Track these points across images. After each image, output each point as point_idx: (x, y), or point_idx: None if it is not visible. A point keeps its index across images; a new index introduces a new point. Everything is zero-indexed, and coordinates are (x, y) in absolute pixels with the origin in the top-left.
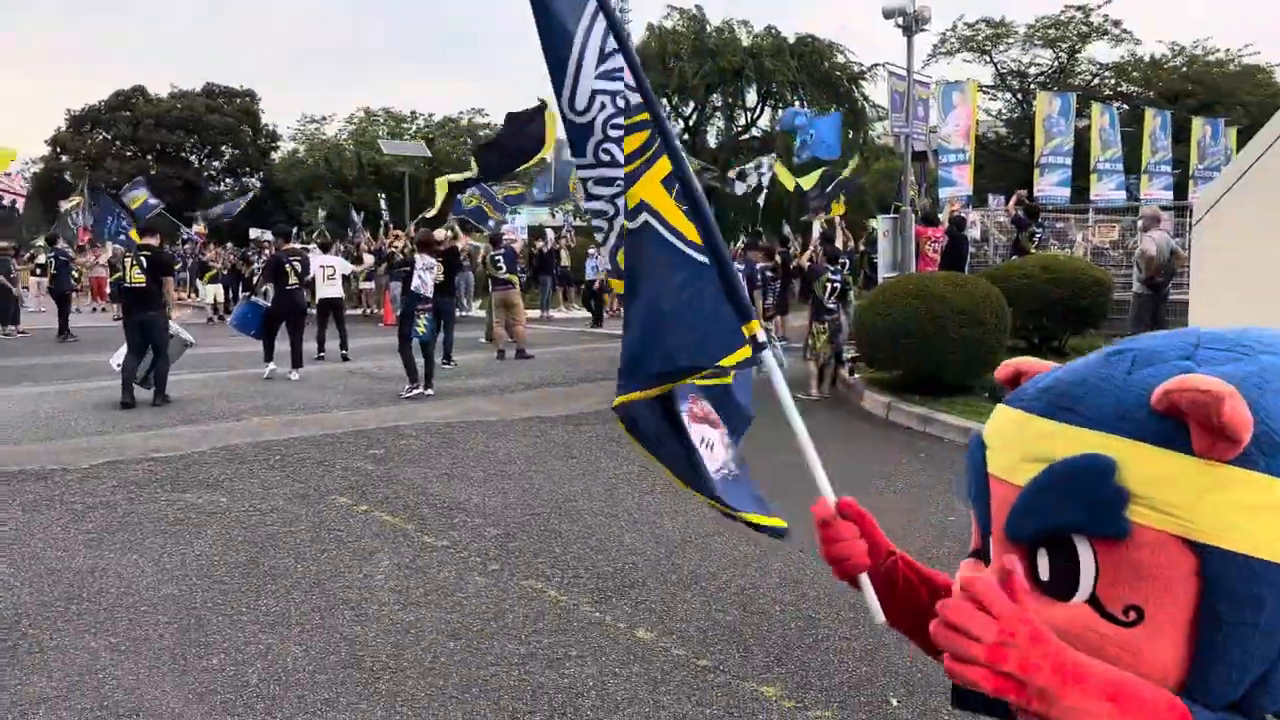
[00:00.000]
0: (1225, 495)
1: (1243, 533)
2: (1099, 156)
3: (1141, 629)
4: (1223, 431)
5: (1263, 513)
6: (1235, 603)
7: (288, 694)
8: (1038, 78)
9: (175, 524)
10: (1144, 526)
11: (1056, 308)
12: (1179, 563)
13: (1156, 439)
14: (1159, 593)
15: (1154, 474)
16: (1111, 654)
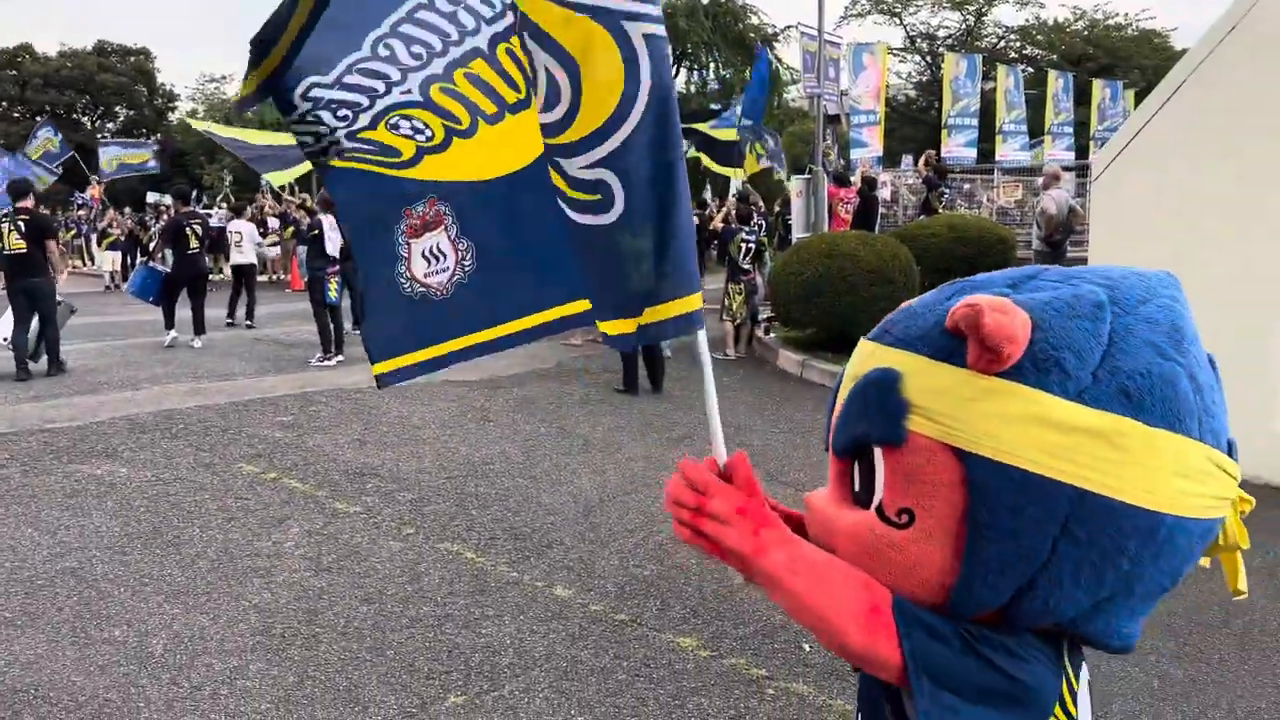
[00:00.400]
0: (990, 405)
1: (1005, 442)
2: (1004, 118)
3: (912, 531)
4: (985, 342)
5: (1025, 424)
6: (995, 509)
7: (195, 663)
8: (946, 40)
9: (73, 496)
10: (917, 434)
11: (962, 266)
12: (947, 469)
13: (938, 354)
14: (928, 497)
15: (931, 385)
16: (886, 554)
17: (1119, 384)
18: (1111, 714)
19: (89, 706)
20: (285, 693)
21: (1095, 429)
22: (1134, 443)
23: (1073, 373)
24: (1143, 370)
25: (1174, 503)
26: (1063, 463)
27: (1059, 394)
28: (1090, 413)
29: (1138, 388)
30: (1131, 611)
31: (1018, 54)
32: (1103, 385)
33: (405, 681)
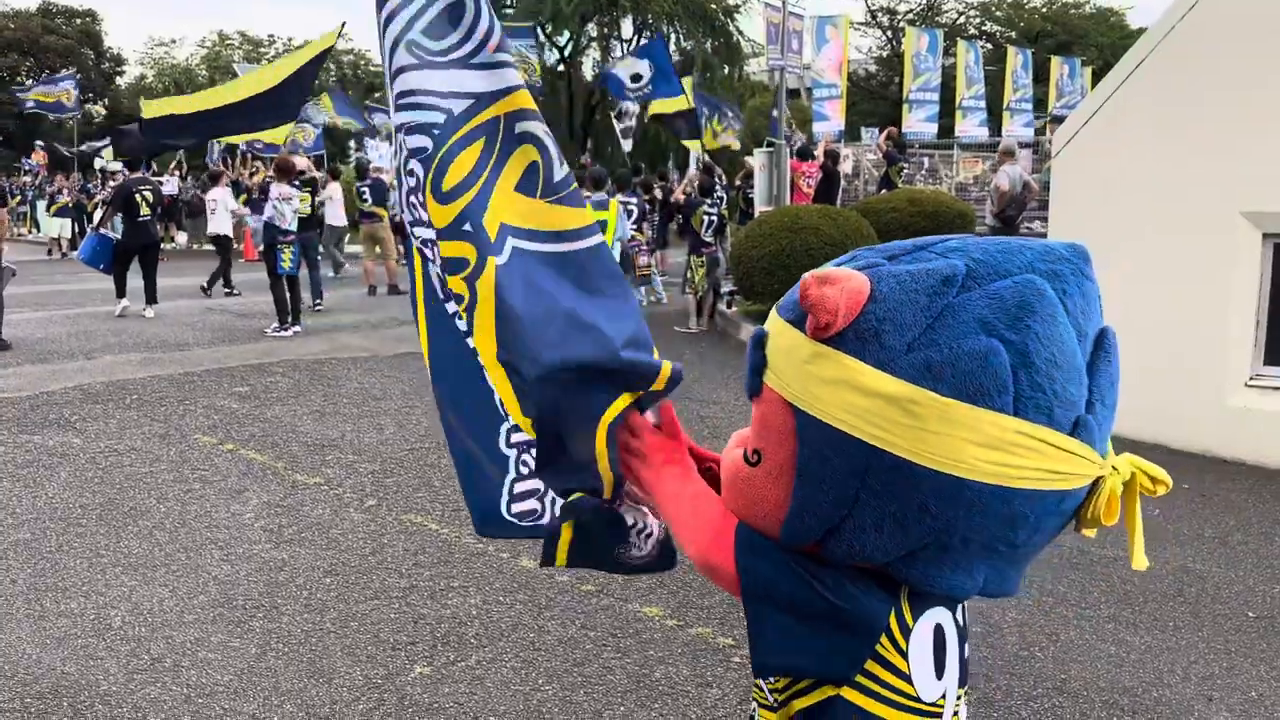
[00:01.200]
0: (814, 368)
1: (820, 400)
2: (964, 94)
3: (759, 469)
4: (809, 313)
5: (836, 386)
6: (811, 458)
7: (154, 635)
8: (906, 15)
9: (24, 466)
10: (768, 387)
11: None
12: (783, 419)
13: (793, 318)
14: (772, 442)
15: (780, 346)
16: (741, 486)
17: (925, 357)
18: (1070, 679)
19: (46, 680)
20: (247, 664)
21: (893, 396)
22: (927, 411)
23: (888, 344)
24: (952, 345)
25: (979, 470)
26: (862, 423)
27: (870, 363)
28: (891, 381)
29: (940, 361)
30: (958, 565)
31: (977, 30)
32: (911, 357)
33: (371, 653)
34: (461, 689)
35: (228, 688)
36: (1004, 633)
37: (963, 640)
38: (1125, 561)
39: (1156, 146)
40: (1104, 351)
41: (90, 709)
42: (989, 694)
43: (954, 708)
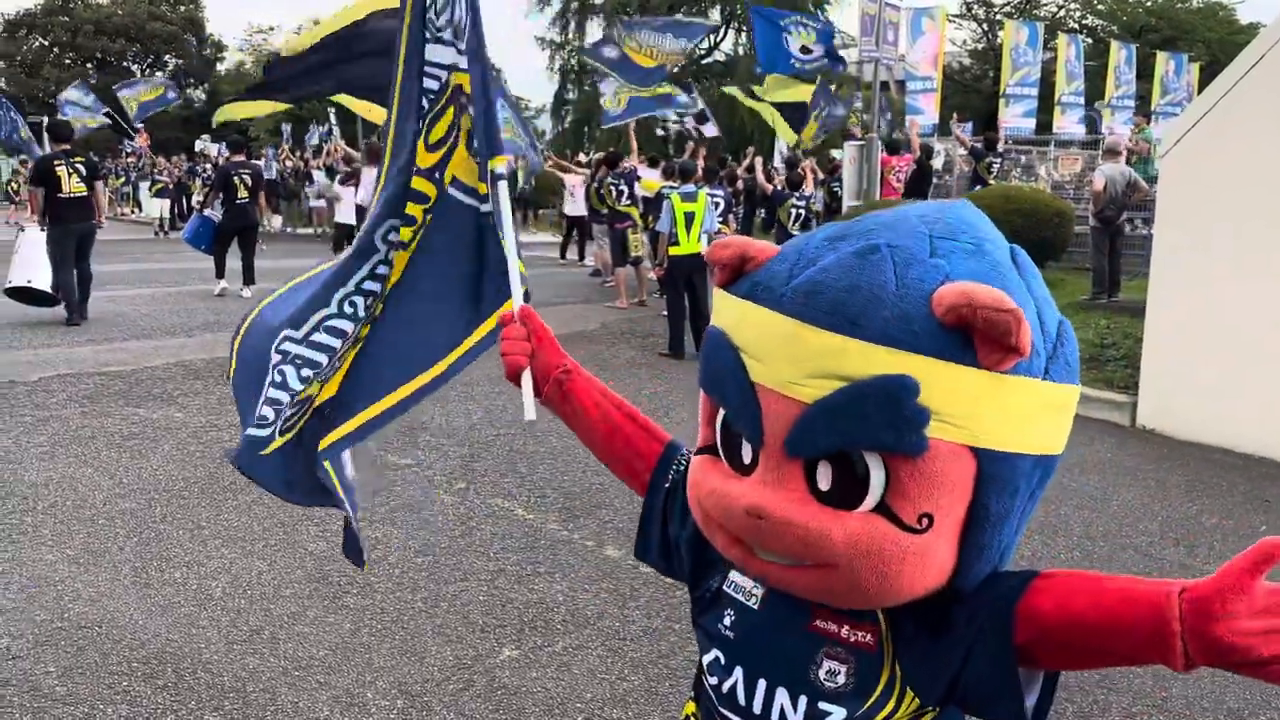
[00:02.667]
0: (1001, 402)
1: (1012, 433)
2: (1064, 89)
3: (932, 533)
4: (1016, 349)
5: (1025, 412)
6: (1000, 495)
7: (253, 607)
8: (1003, 7)
9: (130, 438)
10: (938, 440)
11: (1017, 239)
12: (965, 469)
13: (945, 354)
14: (947, 498)
15: (947, 390)
16: (902, 559)
17: (1062, 353)
18: (1172, 698)
19: (151, 645)
20: (342, 640)
21: (1065, 401)
22: (1073, 405)
23: (1041, 350)
24: (1068, 337)
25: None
26: (1046, 437)
27: (1036, 375)
28: (1060, 388)
29: (1069, 348)
30: None
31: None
32: (1057, 357)
33: (460, 633)
34: (549, 674)
35: (323, 662)
36: None
37: None
38: None
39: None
40: None
41: (193, 675)
42: (1085, 708)
43: None
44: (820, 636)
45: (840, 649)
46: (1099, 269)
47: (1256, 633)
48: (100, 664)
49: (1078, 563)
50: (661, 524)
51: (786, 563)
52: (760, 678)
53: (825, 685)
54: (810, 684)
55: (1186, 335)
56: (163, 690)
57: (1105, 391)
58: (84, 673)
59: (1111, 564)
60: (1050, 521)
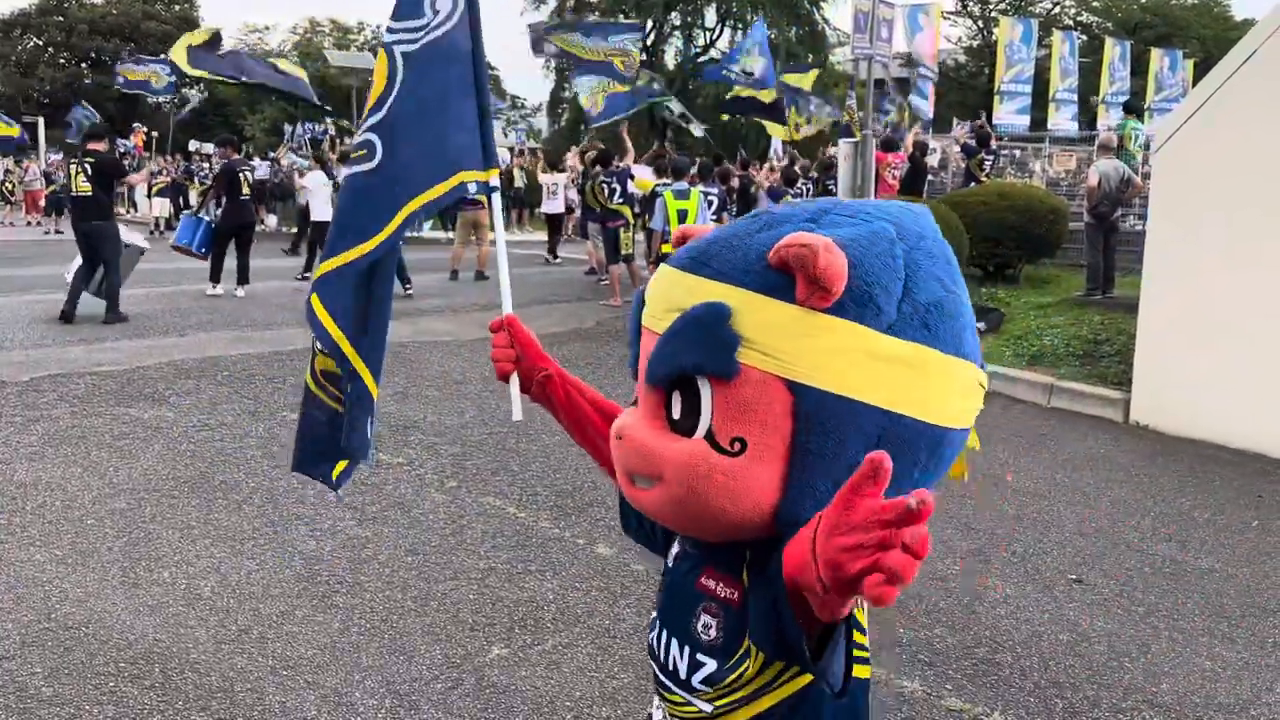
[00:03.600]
0: (819, 340)
1: (833, 373)
2: (1058, 86)
3: (744, 458)
4: (818, 281)
5: (850, 355)
6: (820, 435)
7: (242, 606)
8: (999, 4)
9: (120, 438)
10: (750, 367)
11: (1012, 235)
12: (778, 399)
13: (767, 289)
14: (759, 426)
15: (762, 321)
16: (718, 480)
17: (920, 317)
18: (1162, 693)
19: (139, 645)
20: (331, 639)
21: (905, 358)
22: (931, 367)
23: (884, 307)
24: (935, 302)
25: (955, 418)
26: (880, 389)
27: (874, 327)
28: (900, 343)
29: (934, 319)
30: None
31: (1072, 20)
32: (907, 318)
33: (450, 632)
34: (538, 672)
35: (311, 661)
36: (1092, 641)
37: None
38: (1220, 573)
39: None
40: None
41: (180, 676)
42: (1075, 704)
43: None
44: (701, 593)
45: (714, 604)
46: (1093, 265)
47: (849, 547)
48: (87, 664)
49: (1070, 558)
50: None
51: (644, 484)
52: (665, 629)
53: (701, 638)
54: (692, 636)
55: (1179, 331)
56: (149, 690)
57: (1099, 388)
58: (70, 673)
59: (1103, 560)
60: (1043, 517)
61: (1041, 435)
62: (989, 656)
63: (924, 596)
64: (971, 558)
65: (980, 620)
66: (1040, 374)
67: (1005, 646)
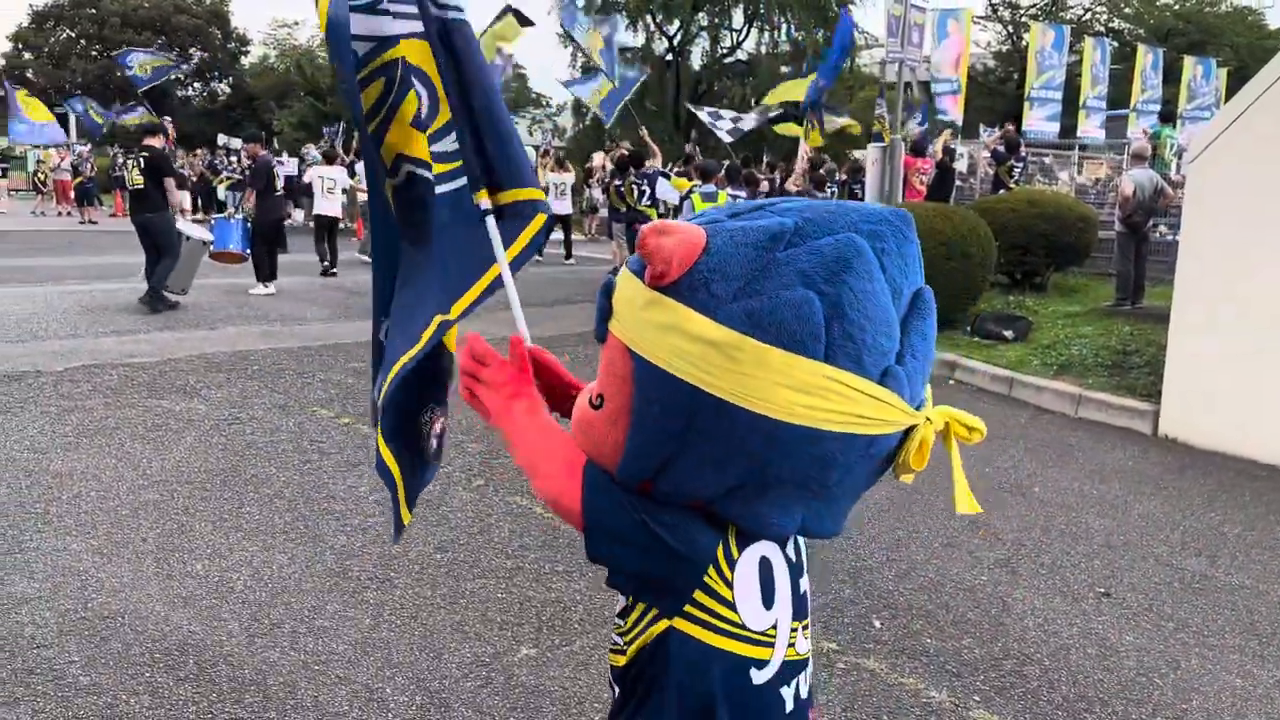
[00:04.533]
0: (649, 314)
1: (652, 345)
2: (1088, 93)
3: (602, 413)
4: (648, 261)
5: (667, 332)
6: (644, 400)
7: (275, 600)
8: (1029, 9)
9: (153, 430)
10: (612, 334)
11: (1040, 243)
12: (623, 364)
13: (636, 268)
14: (612, 387)
15: (623, 294)
16: (586, 429)
17: (748, 306)
18: (1192, 710)
19: (173, 637)
20: (362, 635)
21: (715, 341)
22: (746, 356)
23: (717, 293)
24: (773, 295)
25: (791, 413)
26: (689, 366)
27: (698, 309)
28: (715, 327)
29: (760, 310)
30: (775, 504)
31: (1104, 26)
32: (735, 306)
33: (479, 630)
34: (567, 673)
35: (342, 657)
36: (1121, 655)
37: (795, 574)
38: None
39: None
40: (918, 309)
41: (214, 668)
42: (1104, 719)
43: (789, 639)
44: None
45: None
46: (1124, 275)
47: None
48: (123, 654)
49: (1098, 571)
50: None
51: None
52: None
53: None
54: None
55: (1211, 343)
56: (184, 682)
57: (1128, 399)
58: (107, 663)
59: (1132, 573)
60: (1070, 529)
61: (1069, 446)
62: (1017, 669)
63: (952, 607)
64: (999, 568)
65: (1008, 632)
66: (1068, 384)
67: (1033, 659)
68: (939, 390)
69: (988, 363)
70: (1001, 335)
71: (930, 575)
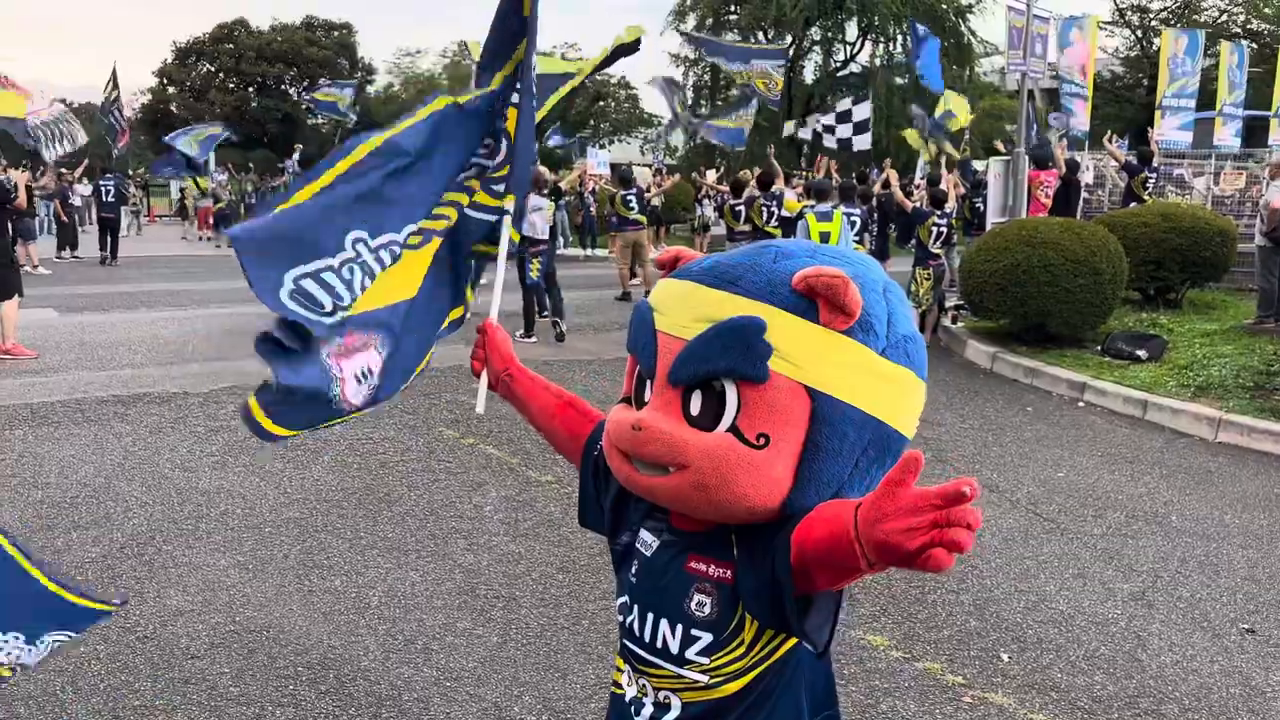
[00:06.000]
0: (836, 356)
1: (845, 384)
2: (1225, 99)
3: (767, 451)
4: (844, 308)
5: (857, 371)
6: (830, 436)
7: (407, 617)
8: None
9: (293, 449)
10: (779, 374)
11: (1175, 258)
12: (799, 403)
13: (793, 309)
14: (783, 425)
15: (790, 335)
16: (743, 469)
17: (903, 346)
18: None
19: (315, 651)
20: (489, 653)
21: (894, 377)
22: (910, 388)
23: (878, 333)
24: (910, 335)
25: (910, 428)
26: (876, 401)
27: (874, 349)
28: (891, 364)
29: (913, 349)
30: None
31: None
32: (895, 345)
33: (601, 652)
34: None
35: (472, 674)
36: (1268, 697)
37: None
38: None
39: None
40: None
41: (353, 683)
42: None
43: None
44: (692, 575)
45: (707, 584)
46: (1267, 291)
47: (902, 530)
48: (269, 667)
49: (1241, 606)
50: (593, 485)
51: (655, 472)
52: (649, 611)
53: (696, 615)
54: (685, 614)
55: None
56: (325, 695)
57: (1272, 423)
58: (254, 675)
59: (1278, 609)
60: (1210, 561)
61: (1208, 472)
62: (1154, 707)
63: (1083, 641)
64: (1133, 601)
65: (1144, 668)
66: (1206, 406)
67: (1171, 697)
68: (1068, 412)
69: (1120, 384)
70: (1134, 355)
71: (1061, 607)
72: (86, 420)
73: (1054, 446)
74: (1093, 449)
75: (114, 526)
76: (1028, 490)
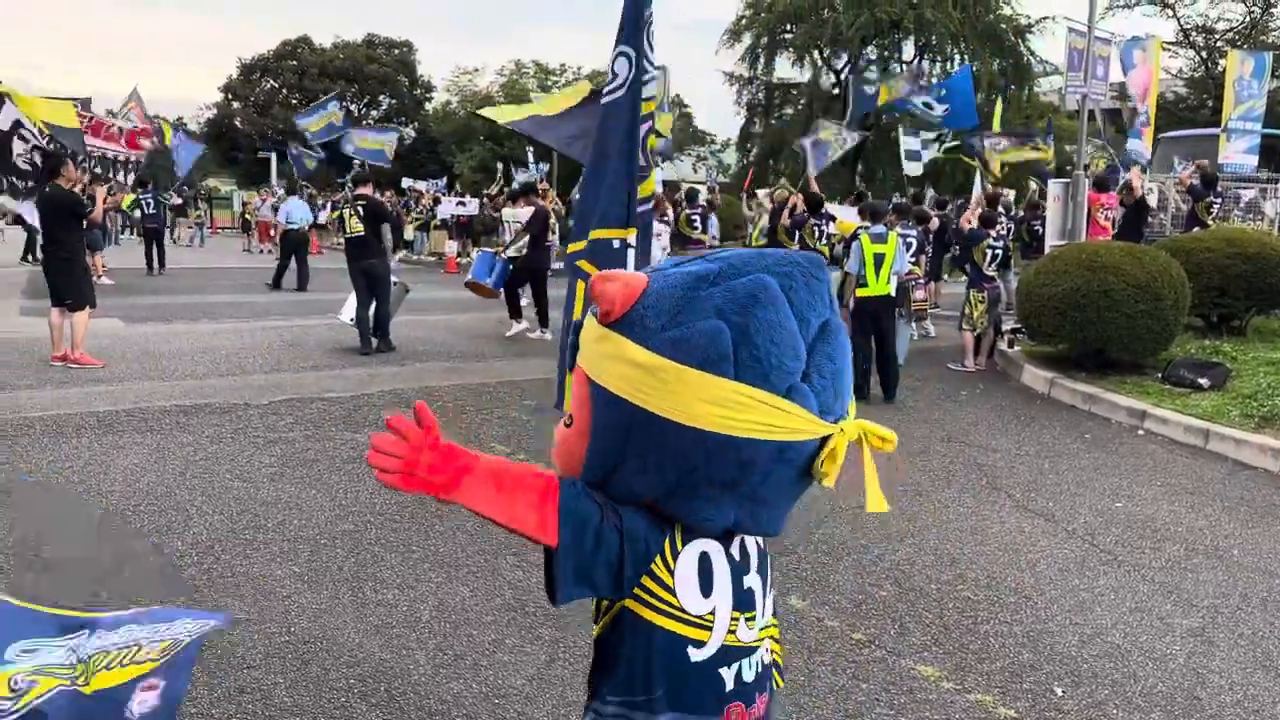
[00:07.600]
0: (599, 346)
1: (602, 371)
2: None
3: (573, 430)
4: (600, 305)
5: (613, 359)
6: (597, 418)
7: (458, 632)
8: (1226, 34)
9: (349, 462)
10: (578, 365)
11: (1240, 284)
12: (585, 389)
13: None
14: (577, 407)
15: (585, 332)
16: (561, 445)
17: (671, 336)
18: None
19: (366, 664)
20: (538, 670)
21: (647, 364)
22: (669, 376)
23: (650, 326)
24: (691, 325)
25: (709, 423)
26: (629, 387)
27: (634, 340)
28: (645, 353)
29: (680, 337)
30: (708, 503)
31: None
32: (663, 336)
33: None
34: None
35: (520, 692)
36: None
37: (739, 570)
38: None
39: None
40: (825, 336)
41: (404, 697)
42: None
43: (728, 625)
44: None
45: None
46: None
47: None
48: (322, 678)
49: None
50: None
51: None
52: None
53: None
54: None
55: None
56: (376, 708)
57: None
58: (308, 686)
59: None
60: (1274, 597)
61: (1273, 506)
62: None
63: (1140, 677)
64: (1192, 637)
65: (1203, 706)
66: (1272, 437)
67: None
68: (1127, 440)
69: (1181, 412)
70: (1196, 383)
71: (1117, 641)
72: (150, 429)
73: (1112, 475)
74: (1152, 479)
75: (175, 535)
76: (1084, 520)
